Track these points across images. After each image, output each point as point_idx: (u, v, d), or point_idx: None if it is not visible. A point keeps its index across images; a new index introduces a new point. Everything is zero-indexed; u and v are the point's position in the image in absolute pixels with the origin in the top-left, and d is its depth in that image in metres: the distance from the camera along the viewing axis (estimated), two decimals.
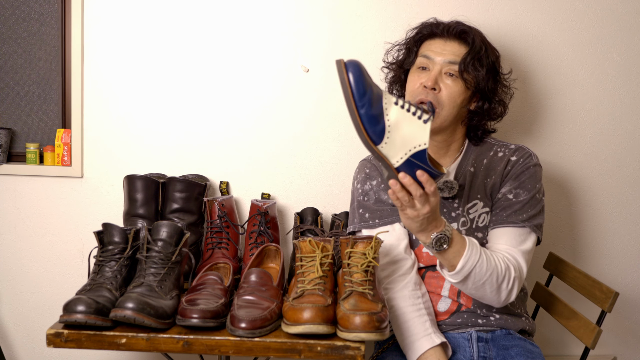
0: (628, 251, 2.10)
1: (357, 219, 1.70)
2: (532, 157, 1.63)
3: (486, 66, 1.60)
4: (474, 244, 1.46)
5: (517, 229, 1.57)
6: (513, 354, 1.55)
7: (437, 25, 1.65)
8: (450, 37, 1.62)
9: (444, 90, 1.57)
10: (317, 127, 2.01)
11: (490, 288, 1.49)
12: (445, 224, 1.41)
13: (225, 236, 1.83)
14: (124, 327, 1.39)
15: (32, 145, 2.04)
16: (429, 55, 1.61)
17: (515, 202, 1.59)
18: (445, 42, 1.62)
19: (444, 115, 1.58)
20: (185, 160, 2.03)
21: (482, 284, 1.47)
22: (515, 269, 1.51)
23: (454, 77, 1.58)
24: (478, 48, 1.59)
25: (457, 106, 1.59)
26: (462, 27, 1.62)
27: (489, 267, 1.46)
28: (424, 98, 1.57)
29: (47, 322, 2.08)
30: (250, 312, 1.38)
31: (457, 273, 1.45)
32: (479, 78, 1.59)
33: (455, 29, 1.62)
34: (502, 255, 1.51)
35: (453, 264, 1.45)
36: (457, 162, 1.67)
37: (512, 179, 1.61)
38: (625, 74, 2.02)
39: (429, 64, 1.61)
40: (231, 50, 2.00)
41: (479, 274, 1.46)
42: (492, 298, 1.52)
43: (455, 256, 1.44)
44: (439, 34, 1.64)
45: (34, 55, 2.06)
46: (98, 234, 1.55)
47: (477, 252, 1.45)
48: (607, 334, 2.12)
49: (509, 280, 1.49)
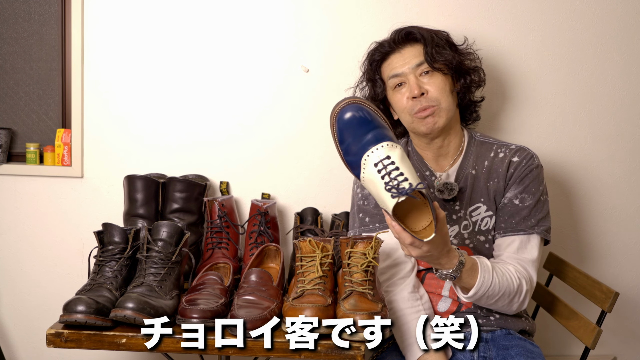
0: (628, 251, 2.10)
1: (357, 223, 1.70)
2: (534, 159, 1.63)
3: (447, 46, 1.64)
4: (486, 269, 1.48)
5: (526, 236, 1.59)
6: (513, 354, 1.55)
7: (383, 45, 1.67)
8: (401, 45, 1.65)
9: (430, 89, 1.59)
10: (317, 126, 2.01)
11: (502, 303, 1.53)
12: (456, 262, 1.41)
13: (225, 236, 1.83)
14: (124, 327, 1.39)
15: (32, 145, 2.04)
16: (396, 72, 1.63)
17: (522, 207, 1.60)
18: (401, 53, 1.64)
19: (445, 107, 1.60)
20: (185, 160, 2.03)
21: (494, 302, 1.52)
22: (527, 281, 1.54)
23: (430, 72, 1.61)
24: (430, 38, 1.62)
25: (449, 94, 1.62)
26: (404, 30, 1.66)
27: (501, 287, 1.49)
28: (420, 106, 1.59)
29: (47, 322, 2.06)
30: (250, 312, 1.38)
31: (470, 297, 1.48)
32: (448, 58, 1.61)
33: (400, 36, 1.65)
34: (514, 269, 1.54)
35: (466, 287, 1.48)
36: (457, 164, 1.67)
37: (517, 183, 1.61)
38: (625, 74, 2.02)
39: (401, 79, 1.63)
40: (231, 50, 2.00)
41: (492, 295, 1.49)
42: (504, 310, 1.58)
43: (466, 284, 1.47)
44: (390, 51, 1.66)
45: (34, 55, 2.06)
46: (98, 234, 1.55)
47: (490, 276, 1.47)
48: (607, 334, 2.11)
49: (520, 294, 1.53)
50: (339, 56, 1.99)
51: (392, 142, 1.28)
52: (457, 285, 1.49)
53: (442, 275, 1.43)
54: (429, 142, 1.66)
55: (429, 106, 1.58)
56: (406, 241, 1.31)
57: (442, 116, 1.60)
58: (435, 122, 1.59)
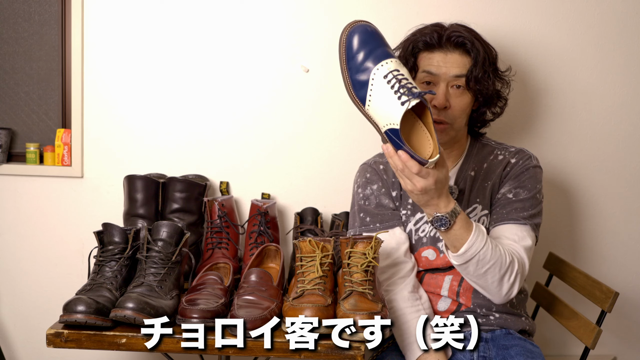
0: (628, 251, 2.10)
1: (357, 223, 1.70)
2: (532, 159, 1.63)
3: (491, 72, 1.58)
4: (481, 231, 1.44)
5: (518, 226, 1.56)
6: (513, 354, 1.55)
7: (432, 36, 1.57)
8: (450, 48, 1.57)
9: (455, 106, 1.56)
10: (317, 126, 2.01)
11: (492, 278, 1.47)
12: (452, 207, 1.38)
13: (225, 236, 1.83)
14: (124, 327, 1.39)
15: (32, 145, 2.04)
16: (432, 71, 1.57)
17: (515, 200, 1.58)
18: (446, 55, 1.57)
19: (457, 127, 1.59)
20: (185, 160, 2.03)
21: (484, 272, 1.45)
22: (519, 263, 1.49)
23: (461, 89, 1.56)
24: (482, 58, 1.55)
25: (467, 115, 1.60)
26: (461, 36, 1.56)
27: (493, 255, 1.44)
28: (437, 118, 1.55)
29: (47, 322, 2.05)
30: (250, 312, 1.38)
31: (460, 256, 1.43)
32: (489, 87, 1.57)
33: (455, 40, 1.56)
34: (507, 248, 1.50)
35: (456, 246, 1.43)
36: (458, 166, 1.67)
37: (512, 179, 1.61)
38: (625, 74, 2.02)
39: (433, 79, 1.57)
40: (231, 50, 2.00)
41: (482, 261, 1.43)
42: (493, 290, 1.50)
43: (458, 239, 1.42)
44: (436, 46, 1.58)
45: (34, 55, 2.06)
46: (98, 234, 1.55)
47: (483, 239, 1.43)
48: (607, 334, 2.11)
49: (512, 272, 1.47)
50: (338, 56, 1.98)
51: (397, 59, 1.33)
52: (448, 240, 1.43)
53: (437, 218, 1.37)
54: None
55: (443, 121, 1.56)
56: (413, 169, 1.27)
57: (451, 135, 1.59)
58: (440, 139, 1.56)
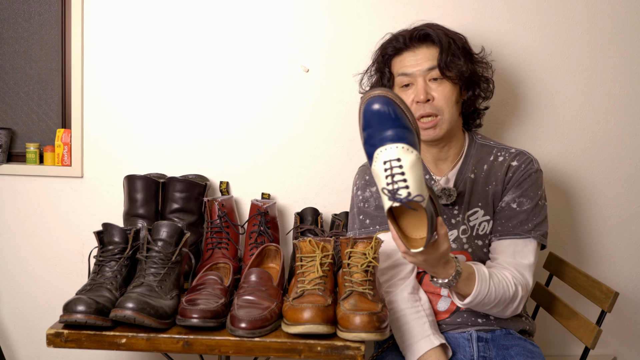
0: (628, 251, 2.10)
1: (357, 225, 1.70)
2: (533, 163, 1.63)
3: (462, 55, 1.60)
4: (483, 277, 1.47)
5: (523, 240, 1.58)
6: (513, 354, 1.55)
7: (397, 40, 1.63)
8: (416, 44, 1.61)
9: (437, 97, 1.58)
10: (317, 126, 2.01)
11: (497, 309, 1.54)
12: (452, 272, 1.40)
13: (225, 236, 1.83)
14: (124, 327, 1.39)
15: (32, 145, 2.04)
16: (406, 72, 1.60)
17: (520, 211, 1.59)
18: (415, 52, 1.61)
19: (448, 118, 1.59)
20: (185, 160, 2.03)
21: (490, 308, 1.53)
22: (523, 287, 1.54)
23: (439, 79, 1.58)
24: (447, 44, 1.59)
25: (454, 104, 1.60)
26: (423, 30, 1.61)
27: (497, 295, 1.49)
28: (424, 112, 1.57)
29: (47, 322, 2.08)
30: (250, 312, 1.38)
31: (467, 304, 1.48)
32: (462, 69, 1.59)
33: (418, 35, 1.61)
34: (510, 276, 1.53)
35: (462, 295, 1.48)
36: (457, 167, 1.66)
37: (515, 186, 1.61)
38: (625, 74, 2.02)
39: (410, 79, 1.60)
40: (231, 50, 2.00)
41: (487, 303, 1.49)
42: (497, 315, 1.58)
43: (463, 291, 1.46)
44: (404, 47, 1.62)
45: (34, 55, 2.06)
46: (98, 234, 1.55)
47: (486, 285, 1.47)
48: (607, 334, 2.11)
49: (515, 300, 1.53)
50: (339, 56, 1.99)
51: (409, 146, 1.21)
52: (453, 291, 1.49)
53: (437, 283, 1.42)
54: (428, 147, 1.66)
55: (432, 114, 1.57)
56: (400, 248, 1.30)
57: (444, 127, 1.59)
58: (436, 134, 1.59)
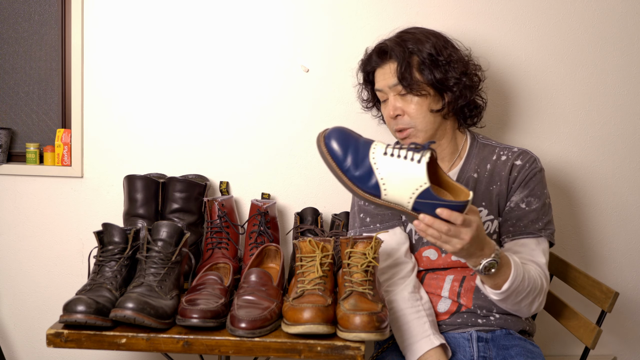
0: (628, 251, 2.10)
1: (357, 223, 1.70)
2: (537, 162, 1.63)
3: (423, 65, 1.57)
4: (518, 264, 1.46)
5: (537, 239, 1.59)
6: (513, 354, 1.55)
7: (369, 60, 1.66)
8: (380, 62, 1.63)
9: (407, 110, 1.59)
10: (317, 126, 2.01)
11: (525, 303, 1.52)
12: (495, 248, 1.38)
13: (225, 236, 1.83)
14: (124, 327, 1.39)
15: (32, 145, 2.04)
16: (378, 88, 1.65)
17: (529, 210, 1.60)
18: (382, 69, 1.63)
19: (422, 129, 1.59)
20: (185, 160, 2.03)
21: (520, 301, 1.50)
22: (546, 281, 1.55)
23: (404, 94, 1.59)
24: (401, 57, 1.57)
25: (428, 113, 1.59)
26: (377, 47, 1.63)
27: (529, 282, 1.48)
28: (396, 127, 1.61)
29: (47, 322, 2.07)
30: (250, 312, 1.38)
31: (501, 293, 1.45)
32: (425, 78, 1.57)
33: (378, 52, 1.63)
34: (535, 270, 1.53)
35: (498, 284, 1.45)
36: (458, 167, 1.66)
37: (522, 186, 1.61)
38: (625, 74, 2.02)
39: (383, 95, 1.64)
40: (231, 50, 2.00)
41: (521, 291, 1.47)
42: (524, 312, 1.57)
43: (501, 277, 1.43)
44: (374, 64, 1.65)
45: (34, 55, 2.06)
46: (98, 234, 1.55)
47: (521, 272, 1.46)
48: (607, 334, 2.12)
49: (542, 293, 1.54)
50: (339, 56, 1.99)
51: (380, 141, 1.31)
52: (490, 279, 1.43)
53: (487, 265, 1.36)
54: None
55: (404, 128, 1.60)
56: (458, 221, 1.24)
57: (420, 137, 1.60)
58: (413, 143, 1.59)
